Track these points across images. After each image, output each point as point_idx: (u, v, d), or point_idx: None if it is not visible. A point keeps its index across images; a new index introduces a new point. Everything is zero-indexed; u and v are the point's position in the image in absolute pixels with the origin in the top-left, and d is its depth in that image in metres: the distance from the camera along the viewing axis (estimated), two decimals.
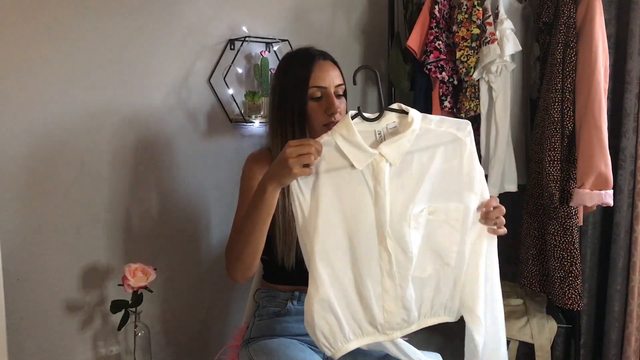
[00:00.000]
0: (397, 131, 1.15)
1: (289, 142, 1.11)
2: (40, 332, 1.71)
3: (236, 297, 2.05)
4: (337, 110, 1.40)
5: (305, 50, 1.48)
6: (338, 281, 1.15)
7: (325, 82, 1.41)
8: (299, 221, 1.14)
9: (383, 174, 1.12)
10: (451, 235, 1.17)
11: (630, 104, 1.91)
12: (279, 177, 1.13)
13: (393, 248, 1.15)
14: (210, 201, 1.99)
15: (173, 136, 1.90)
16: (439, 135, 1.16)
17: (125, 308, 1.68)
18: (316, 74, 1.41)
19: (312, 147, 1.10)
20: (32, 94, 1.65)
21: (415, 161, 1.14)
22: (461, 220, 1.17)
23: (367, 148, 1.12)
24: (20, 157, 1.64)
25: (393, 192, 1.14)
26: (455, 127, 1.16)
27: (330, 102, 1.40)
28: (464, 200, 1.17)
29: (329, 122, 1.40)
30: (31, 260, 1.68)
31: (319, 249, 1.13)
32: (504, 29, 1.82)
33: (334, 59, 1.48)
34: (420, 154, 1.15)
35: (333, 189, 1.13)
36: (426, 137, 1.15)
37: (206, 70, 1.94)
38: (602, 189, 1.70)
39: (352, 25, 2.30)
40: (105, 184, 1.78)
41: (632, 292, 1.94)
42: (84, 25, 1.71)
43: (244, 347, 1.48)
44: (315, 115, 1.41)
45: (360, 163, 1.12)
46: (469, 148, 1.16)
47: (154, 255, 1.89)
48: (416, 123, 1.14)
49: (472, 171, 1.17)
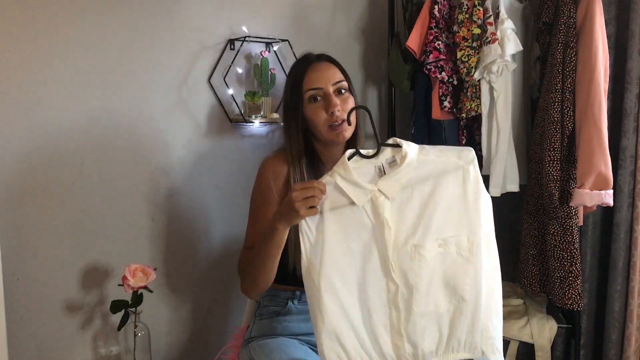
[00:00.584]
0: (395, 165, 1.17)
1: (294, 186, 1.17)
2: (40, 332, 1.71)
3: (236, 297, 2.05)
4: (337, 108, 1.40)
5: (303, 57, 1.51)
6: (345, 313, 1.16)
7: (320, 82, 1.42)
8: (307, 256, 1.18)
9: (382, 209, 1.15)
10: (464, 268, 1.15)
11: (630, 104, 1.91)
12: (288, 219, 1.20)
13: (399, 280, 1.15)
14: (210, 201, 1.99)
15: (173, 136, 1.90)
16: (439, 165, 1.16)
17: (125, 308, 1.68)
18: (310, 77, 1.43)
19: (316, 189, 1.15)
20: (32, 94, 1.65)
21: (416, 194, 1.15)
22: (474, 251, 1.15)
23: (364, 185, 1.15)
24: (20, 157, 1.64)
25: (395, 226, 1.15)
26: (456, 155, 1.16)
27: (329, 100, 1.41)
28: (474, 230, 1.15)
29: (332, 121, 1.40)
30: (31, 260, 1.68)
31: (325, 282, 1.15)
32: (504, 29, 1.82)
33: (332, 57, 1.49)
34: (421, 185, 1.15)
35: (338, 226, 1.17)
36: (426, 169, 1.16)
37: (206, 70, 1.94)
38: (602, 189, 1.70)
39: (352, 25, 2.30)
40: (104, 184, 1.78)
41: (632, 292, 1.94)
42: (83, 26, 1.71)
43: (244, 347, 1.48)
44: (317, 118, 1.42)
45: (359, 200, 1.16)
46: (472, 175, 1.15)
47: (154, 255, 1.89)
48: (411, 155, 1.15)
49: (478, 199, 1.15)
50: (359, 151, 1.18)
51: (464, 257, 1.15)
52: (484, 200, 1.16)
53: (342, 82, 1.45)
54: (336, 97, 1.42)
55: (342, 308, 1.16)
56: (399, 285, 1.15)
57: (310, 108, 1.43)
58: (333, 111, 1.40)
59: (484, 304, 1.16)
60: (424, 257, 1.15)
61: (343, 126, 1.41)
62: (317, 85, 1.42)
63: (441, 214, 1.15)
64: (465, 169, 1.15)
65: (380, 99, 2.39)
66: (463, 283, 1.15)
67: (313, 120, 1.42)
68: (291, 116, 1.45)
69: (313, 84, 1.42)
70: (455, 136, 2.09)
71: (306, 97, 1.43)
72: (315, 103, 1.42)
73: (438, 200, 1.15)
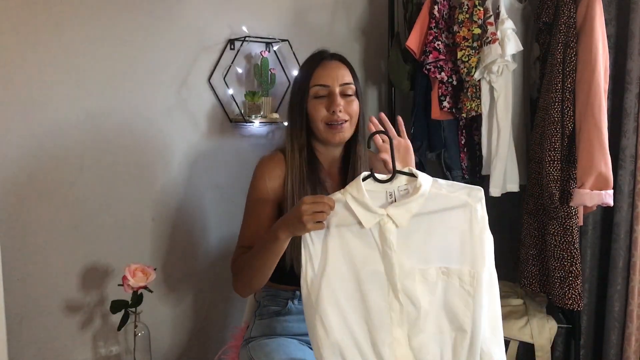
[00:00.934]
0: (407, 194, 1.19)
1: (304, 198, 1.16)
2: (40, 332, 1.71)
3: (236, 297, 2.04)
4: (339, 108, 1.39)
5: (317, 53, 1.49)
6: (348, 328, 1.17)
7: (328, 80, 1.41)
8: (307, 269, 1.19)
9: (389, 234, 1.16)
10: (465, 300, 1.17)
11: (630, 104, 1.91)
12: (293, 230, 1.19)
13: (404, 300, 1.17)
14: (210, 201, 1.99)
15: (173, 136, 1.90)
16: (449, 200, 1.18)
17: (125, 308, 1.68)
18: (319, 73, 1.42)
19: (326, 205, 1.15)
20: (32, 94, 1.65)
21: (423, 224, 1.17)
22: (475, 285, 1.17)
23: (375, 209, 1.17)
24: (20, 157, 1.64)
25: (400, 251, 1.17)
26: (466, 192, 1.18)
27: (332, 99, 1.40)
28: (476, 265, 1.17)
29: (331, 120, 1.40)
30: (31, 260, 1.68)
31: (328, 296, 1.17)
32: (505, 29, 1.82)
33: (346, 59, 1.48)
34: (430, 217, 1.17)
35: (342, 243, 1.19)
36: (436, 201, 1.18)
37: (206, 70, 1.94)
38: (602, 189, 1.70)
39: (352, 25, 2.30)
40: (105, 184, 1.78)
41: (632, 292, 1.94)
42: (83, 26, 1.71)
43: (244, 347, 1.48)
44: (317, 114, 1.41)
45: (367, 222, 1.17)
46: (479, 214, 1.17)
47: (154, 255, 1.89)
48: (425, 187, 1.17)
49: (483, 237, 1.18)
50: (374, 174, 1.20)
51: (466, 289, 1.17)
52: (487, 239, 1.18)
53: (350, 84, 1.43)
54: (341, 98, 1.41)
55: (346, 322, 1.17)
56: (404, 305, 1.17)
57: (312, 103, 1.42)
58: (335, 110, 1.39)
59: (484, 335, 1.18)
60: (427, 281, 1.17)
61: (341, 127, 1.40)
62: (324, 82, 1.41)
63: (446, 245, 1.18)
64: (473, 207, 1.17)
65: (380, 99, 2.39)
66: (463, 315, 1.17)
67: (312, 116, 1.42)
68: (296, 109, 1.44)
69: (320, 80, 1.41)
70: (454, 136, 2.09)
71: (312, 92, 1.41)
72: (319, 99, 1.41)
73: (444, 232, 1.18)
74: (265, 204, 1.42)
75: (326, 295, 1.17)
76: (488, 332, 1.19)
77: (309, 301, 1.18)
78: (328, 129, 1.41)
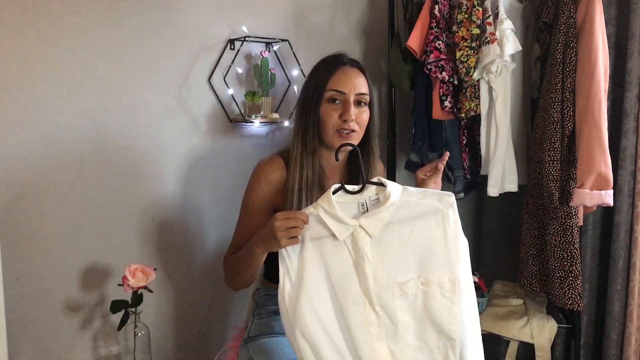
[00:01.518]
0: (378, 203, 1.21)
1: (276, 215, 1.18)
2: (40, 332, 1.71)
3: (236, 297, 2.05)
4: (352, 118, 1.38)
5: (336, 56, 1.48)
6: (332, 343, 1.18)
7: (345, 87, 1.40)
8: (285, 283, 1.20)
9: (362, 244, 1.18)
10: (450, 309, 1.17)
11: (630, 104, 1.91)
12: (268, 246, 1.22)
13: (381, 313, 1.18)
14: (210, 201, 1.99)
15: (173, 136, 1.90)
16: (420, 207, 1.19)
17: (125, 308, 1.68)
18: (337, 78, 1.40)
19: (299, 220, 1.17)
20: (32, 94, 1.65)
21: (396, 232, 1.19)
22: (456, 291, 1.17)
23: (347, 221, 1.18)
24: (20, 157, 1.64)
25: (375, 262, 1.18)
26: (437, 199, 1.20)
27: (346, 108, 1.39)
28: (453, 271, 1.18)
29: (342, 128, 1.39)
30: (31, 260, 1.68)
31: (308, 309, 1.17)
32: (504, 29, 1.82)
33: (363, 68, 1.47)
34: (401, 225, 1.19)
35: (318, 256, 1.21)
36: (407, 210, 1.19)
37: (206, 70, 1.94)
38: (602, 189, 1.71)
39: (352, 25, 2.30)
40: (105, 184, 1.78)
41: (632, 292, 1.94)
42: (83, 26, 1.71)
43: (243, 346, 1.48)
44: (329, 119, 1.40)
45: (341, 234, 1.19)
46: (452, 219, 1.19)
47: (154, 255, 1.89)
48: (394, 196, 1.19)
49: (457, 242, 1.19)
50: (344, 186, 1.22)
51: (447, 297, 1.17)
52: (462, 243, 1.19)
53: (365, 94, 1.43)
54: (355, 107, 1.40)
55: (329, 337, 1.18)
56: (380, 317, 1.17)
57: (326, 108, 1.40)
58: (347, 119, 1.38)
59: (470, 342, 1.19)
60: (407, 294, 1.18)
61: (349, 136, 1.40)
62: (341, 88, 1.40)
63: (422, 254, 1.19)
64: (445, 212, 1.19)
65: (380, 99, 2.39)
66: (449, 324, 1.17)
67: (324, 120, 1.40)
68: (309, 112, 1.42)
69: (338, 86, 1.40)
70: (455, 136, 2.09)
71: (326, 95, 1.40)
72: (333, 105, 1.40)
73: (418, 240, 1.19)
74: (259, 208, 1.43)
75: (306, 309, 1.17)
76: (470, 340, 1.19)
77: (286, 317, 1.19)
78: (337, 135, 1.40)
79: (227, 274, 1.46)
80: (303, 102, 1.45)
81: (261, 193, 1.42)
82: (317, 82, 1.42)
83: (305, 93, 1.46)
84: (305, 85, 1.48)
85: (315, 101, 1.41)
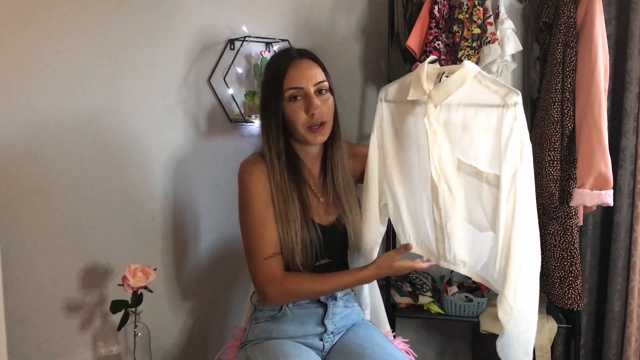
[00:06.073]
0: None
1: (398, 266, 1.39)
2: (40, 332, 1.71)
3: (236, 297, 2.05)
4: (317, 110, 1.37)
5: (284, 52, 1.47)
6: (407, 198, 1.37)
7: (302, 82, 1.38)
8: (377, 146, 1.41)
9: (430, 113, 1.23)
10: (494, 203, 1.20)
11: (630, 104, 1.91)
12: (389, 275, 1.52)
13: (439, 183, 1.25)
14: (210, 201, 1.99)
15: (173, 136, 1.90)
16: (488, 95, 1.19)
17: (125, 308, 1.68)
18: (291, 75, 1.38)
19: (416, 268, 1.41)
20: (32, 94, 1.65)
21: (460, 113, 1.23)
22: (499, 189, 1.19)
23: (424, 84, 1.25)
24: (20, 157, 1.64)
25: (441, 134, 1.24)
26: (504, 93, 1.17)
27: (309, 102, 1.37)
28: (501, 171, 1.18)
29: (312, 123, 1.38)
30: (31, 260, 1.68)
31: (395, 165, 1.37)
32: (504, 29, 1.82)
33: (313, 55, 1.45)
34: (466, 109, 1.22)
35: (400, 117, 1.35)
36: (475, 92, 1.20)
37: (206, 70, 1.94)
38: (602, 189, 1.70)
39: (352, 25, 2.30)
40: (105, 184, 1.78)
41: (632, 292, 1.94)
42: (83, 26, 1.71)
43: (241, 349, 1.49)
44: (296, 118, 1.39)
45: (413, 94, 1.27)
46: (509, 121, 1.16)
47: (154, 255, 1.89)
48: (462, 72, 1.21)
49: (509, 141, 1.17)
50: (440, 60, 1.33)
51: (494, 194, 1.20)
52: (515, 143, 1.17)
53: (323, 82, 1.41)
54: (317, 98, 1.39)
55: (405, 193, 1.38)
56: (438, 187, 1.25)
57: (289, 107, 1.39)
58: (314, 113, 1.37)
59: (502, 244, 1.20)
60: (465, 174, 1.24)
61: (321, 129, 1.40)
62: (298, 84, 1.38)
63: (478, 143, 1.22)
64: (504, 109, 1.17)
65: None
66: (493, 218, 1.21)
67: (292, 120, 1.39)
68: (271, 114, 1.41)
69: (294, 83, 1.38)
70: None
71: (286, 95, 1.38)
72: (295, 102, 1.39)
73: (477, 127, 1.22)
74: (267, 207, 1.41)
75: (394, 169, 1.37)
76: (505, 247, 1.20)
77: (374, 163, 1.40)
78: (309, 131, 1.39)
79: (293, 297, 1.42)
80: (263, 105, 1.44)
81: (258, 193, 1.40)
82: (273, 84, 1.40)
83: (263, 96, 1.45)
84: (262, 88, 1.46)
85: (275, 103, 1.39)
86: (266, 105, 1.43)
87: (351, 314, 1.54)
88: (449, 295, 2.05)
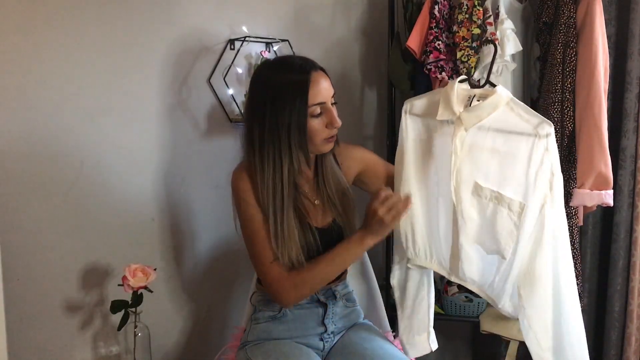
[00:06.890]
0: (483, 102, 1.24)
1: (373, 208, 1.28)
2: (40, 332, 1.71)
3: (236, 297, 2.05)
4: (338, 122, 1.37)
5: (301, 64, 1.37)
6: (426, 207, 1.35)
7: (324, 97, 1.35)
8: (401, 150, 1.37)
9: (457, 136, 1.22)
10: (510, 229, 1.19)
11: (630, 104, 1.91)
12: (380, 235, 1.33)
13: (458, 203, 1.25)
14: (210, 201, 1.99)
15: (173, 136, 1.90)
16: (519, 124, 1.17)
17: (125, 308, 1.68)
18: (314, 91, 1.33)
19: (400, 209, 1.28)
20: (31, 94, 1.65)
21: (489, 138, 1.21)
22: (521, 218, 1.17)
23: (454, 107, 1.23)
24: (20, 157, 1.64)
25: (463, 157, 1.23)
26: (536, 124, 1.15)
27: (331, 116, 1.35)
28: (527, 201, 1.17)
29: (329, 135, 1.37)
30: (31, 260, 1.68)
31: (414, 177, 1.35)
32: (504, 29, 1.82)
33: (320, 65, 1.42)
34: (496, 133, 1.20)
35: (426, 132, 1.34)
36: (507, 120, 1.19)
37: (206, 70, 1.94)
38: (602, 189, 1.71)
39: (352, 25, 2.30)
40: (105, 184, 1.78)
41: (632, 292, 1.94)
42: (83, 26, 1.71)
43: (241, 349, 1.49)
44: (317, 133, 1.36)
45: (441, 115, 1.25)
46: (540, 152, 1.15)
47: (153, 255, 1.89)
48: (496, 97, 1.19)
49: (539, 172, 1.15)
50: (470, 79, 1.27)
51: (513, 220, 1.18)
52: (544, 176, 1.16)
53: (334, 94, 1.39)
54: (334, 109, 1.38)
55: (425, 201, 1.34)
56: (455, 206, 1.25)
57: (313, 123, 1.35)
58: (336, 125, 1.36)
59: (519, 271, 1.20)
60: (480, 197, 1.23)
61: (334, 138, 1.40)
62: (321, 100, 1.34)
63: (504, 170, 1.20)
64: (535, 140, 1.15)
65: (381, 99, 2.39)
66: (506, 244, 1.19)
67: (313, 135, 1.35)
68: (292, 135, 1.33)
69: (318, 99, 1.34)
70: None
71: (310, 111, 1.33)
72: (318, 118, 1.35)
73: (506, 154, 1.19)
74: (258, 210, 1.40)
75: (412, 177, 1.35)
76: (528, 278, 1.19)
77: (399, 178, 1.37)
78: (325, 142, 1.38)
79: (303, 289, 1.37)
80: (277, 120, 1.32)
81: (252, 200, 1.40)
82: (293, 103, 1.31)
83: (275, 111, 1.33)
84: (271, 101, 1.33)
85: (298, 121, 1.32)
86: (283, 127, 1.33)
87: (351, 313, 1.55)
88: (449, 295, 2.05)
